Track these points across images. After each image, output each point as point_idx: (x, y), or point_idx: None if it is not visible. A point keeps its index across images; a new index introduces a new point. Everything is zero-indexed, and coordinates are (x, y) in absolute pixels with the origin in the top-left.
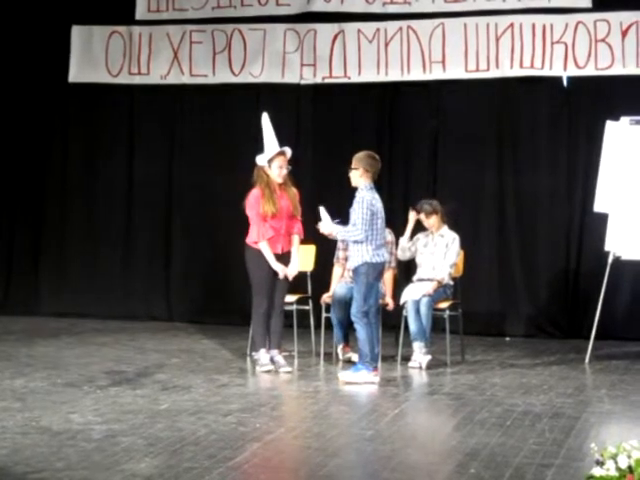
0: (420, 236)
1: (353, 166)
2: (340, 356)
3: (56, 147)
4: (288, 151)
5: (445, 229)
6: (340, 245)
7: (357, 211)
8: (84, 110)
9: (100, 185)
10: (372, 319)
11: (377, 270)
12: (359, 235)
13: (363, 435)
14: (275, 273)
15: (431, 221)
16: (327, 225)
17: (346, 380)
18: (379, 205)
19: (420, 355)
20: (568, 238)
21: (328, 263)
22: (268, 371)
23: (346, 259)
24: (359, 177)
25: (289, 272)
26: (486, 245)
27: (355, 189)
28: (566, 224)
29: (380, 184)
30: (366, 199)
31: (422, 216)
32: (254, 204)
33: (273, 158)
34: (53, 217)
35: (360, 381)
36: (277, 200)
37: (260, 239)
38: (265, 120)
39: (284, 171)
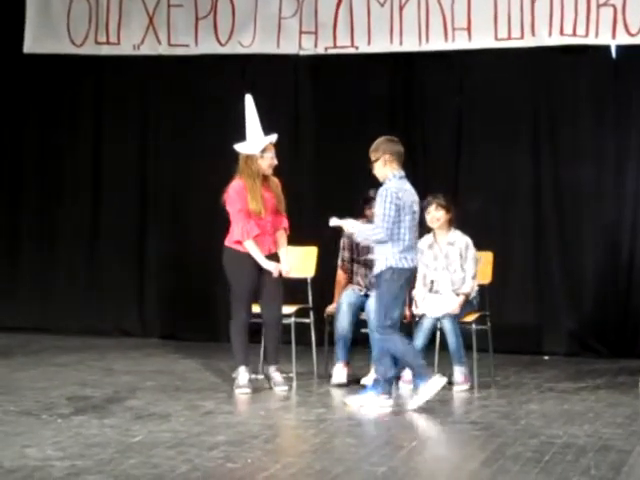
0: (423, 247)
1: (373, 159)
2: (337, 378)
3: (8, 131)
4: (275, 138)
5: (452, 234)
6: (345, 245)
7: (379, 206)
8: (41, 86)
9: (61, 176)
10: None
11: (404, 277)
12: (379, 235)
13: (374, 472)
14: (259, 279)
15: (438, 214)
16: (347, 221)
17: (353, 405)
18: (409, 198)
19: (410, 377)
20: (618, 239)
21: (332, 268)
22: (245, 394)
23: (351, 262)
24: (384, 167)
25: (283, 268)
26: (520, 247)
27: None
28: (615, 222)
29: None
30: (390, 191)
31: (431, 208)
32: (236, 198)
33: (266, 147)
34: (3, 214)
35: (370, 406)
36: (263, 195)
37: (245, 237)
38: (249, 103)
39: (275, 162)
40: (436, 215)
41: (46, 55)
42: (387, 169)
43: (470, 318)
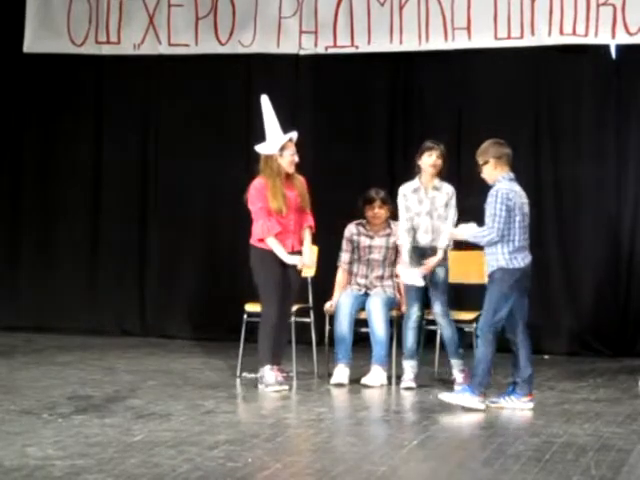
0: (406, 191)
1: (481, 162)
2: (338, 378)
3: (8, 131)
4: (295, 135)
5: (438, 181)
6: (345, 246)
7: (490, 206)
8: (42, 86)
9: (61, 175)
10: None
11: (514, 277)
12: (491, 235)
13: (375, 472)
14: (285, 277)
15: (438, 162)
16: (460, 230)
17: (446, 401)
18: (519, 200)
19: (411, 375)
20: (618, 237)
21: (333, 268)
22: (277, 392)
23: (351, 263)
24: (493, 170)
25: (306, 261)
26: None
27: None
28: (615, 221)
29: (394, 173)
30: (501, 192)
31: (435, 154)
32: (257, 196)
33: (285, 145)
34: (4, 213)
35: (463, 405)
36: (285, 193)
37: (266, 235)
38: (265, 103)
39: (296, 159)
40: (437, 162)
41: (46, 55)
42: (497, 172)
43: (470, 317)
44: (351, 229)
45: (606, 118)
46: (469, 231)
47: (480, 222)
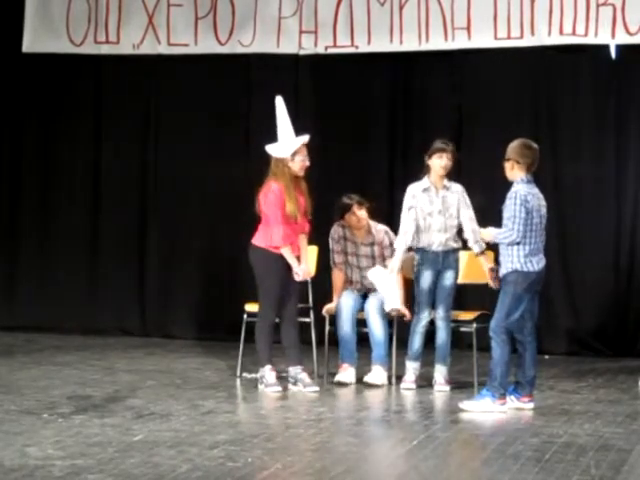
0: (415, 191)
1: (505, 157)
2: (343, 377)
3: (6, 131)
4: (307, 139)
5: (446, 181)
6: (334, 247)
7: (509, 208)
8: (41, 86)
9: (61, 175)
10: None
11: (528, 280)
12: (513, 236)
13: (374, 472)
14: (286, 279)
15: (449, 164)
16: (488, 232)
17: (466, 409)
18: (537, 202)
19: (412, 377)
20: (617, 237)
21: (331, 268)
22: (277, 392)
23: (343, 263)
24: (510, 170)
25: (308, 271)
26: None
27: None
28: (615, 220)
29: (393, 173)
30: (520, 194)
31: (448, 156)
32: (276, 202)
33: (298, 150)
34: (4, 212)
35: (482, 410)
36: (297, 198)
37: (282, 244)
38: (279, 104)
39: (307, 163)
40: (448, 164)
41: (45, 54)
42: (515, 172)
43: (470, 317)
44: (337, 229)
45: (606, 118)
46: (492, 232)
47: (485, 220)
